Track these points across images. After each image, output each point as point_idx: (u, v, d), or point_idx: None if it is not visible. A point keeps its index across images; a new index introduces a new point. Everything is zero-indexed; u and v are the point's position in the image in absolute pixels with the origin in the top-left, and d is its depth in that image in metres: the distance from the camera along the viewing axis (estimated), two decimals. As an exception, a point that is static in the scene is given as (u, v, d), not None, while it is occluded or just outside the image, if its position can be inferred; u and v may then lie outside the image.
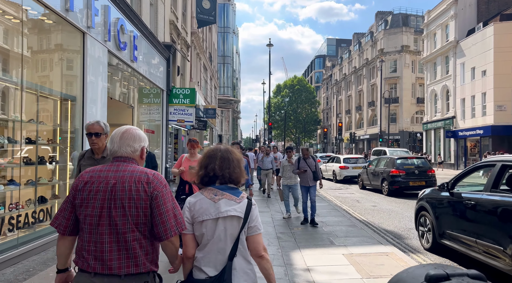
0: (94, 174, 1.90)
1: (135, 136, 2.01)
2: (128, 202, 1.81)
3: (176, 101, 12.82)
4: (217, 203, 1.98)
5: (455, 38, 32.54)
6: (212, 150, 2.19)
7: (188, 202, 2.04)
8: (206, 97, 23.74)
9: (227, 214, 1.97)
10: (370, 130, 53.96)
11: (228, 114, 49.36)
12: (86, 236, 1.84)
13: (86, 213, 1.84)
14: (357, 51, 60.29)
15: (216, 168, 2.07)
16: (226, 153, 2.14)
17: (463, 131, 31.17)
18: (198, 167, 2.15)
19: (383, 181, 14.09)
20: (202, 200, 2.01)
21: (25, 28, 5.53)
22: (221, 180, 2.08)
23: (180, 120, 12.82)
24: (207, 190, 2.05)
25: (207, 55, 24.02)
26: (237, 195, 2.04)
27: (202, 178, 2.10)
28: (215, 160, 2.09)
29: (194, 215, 1.98)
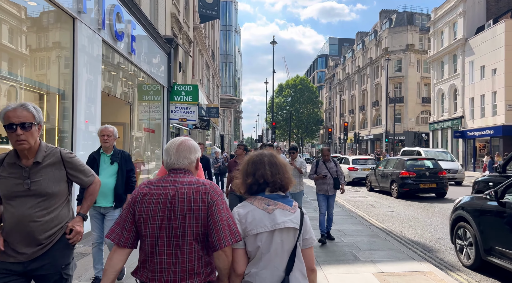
0: (153, 186, 1.91)
1: (191, 148, 2.01)
2: (188, 213, 1.82)
3: (178, 98, 12.03)
4: (271, 213, 1.86)
5: (463, 36, 31.69)
6: (256, 155, 2.05)
7: (237, 214, 1.90)
8: (208, 96, 22.95)
9: (284, 225, 1.85)
10: (374, 130, 53.18)
11: (230, 114, 48.58)
12: (148, 248, 1.85)
13: (147, 225, 1.85)
14: (360, 50, 59.48)
15: (267, 173, 1.94)
16: (272, 158, 2.02)
17: (472, 131, 30.33)
18: (241, 175, 2.00)
19: (392, 183, 13.30)
20: (254, 210, 1.87)
21: (3, 12, 4.75)
22: (272, 187, 1.95)
23: (182, 119, 12.03)
24: (257, 200, 1.92)
25: (209, 52, 23.24)
26: (290, 204, 1.93)
27: (251, 186, 1.95)
28: (263, 165, 1.97)
29: (246, 228, 1.85)
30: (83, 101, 6.23)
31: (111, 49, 7.59)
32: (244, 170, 2.00)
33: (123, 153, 4.25)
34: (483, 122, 28.89)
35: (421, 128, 44.84)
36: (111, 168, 4.11)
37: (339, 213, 9.35)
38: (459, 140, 32.43)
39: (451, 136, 34.01)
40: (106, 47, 7.31)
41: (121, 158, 4.16)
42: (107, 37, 7.10)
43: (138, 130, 10.48)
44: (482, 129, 28.81)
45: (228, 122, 46.32)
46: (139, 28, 8.94)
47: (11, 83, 5.12)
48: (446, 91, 35.03)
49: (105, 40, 7.03)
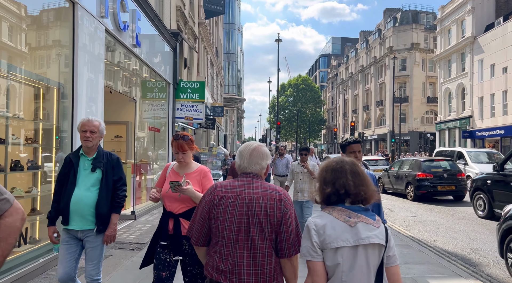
0: (228, 188, 1.97)
1: (264, 154, 2.06)
2: (264, 218, 1.88)
3: (184, 96, 11.37)
4: (354, 227, 1.68)
5: (472, 33, 31.01)
6: (335, 162, 1.86)
7: (313, 224, 1.73)
8: (212, 94, 22.31)
9: (369, 241, 1.67)
10: (378, 130, 52.55)
11: (233, 114, 47.96)
12: (224, 250, 1.91)
13: (224, 227, 1.91)
14: (364, 49, 58.82)
15: (349, 184, 1.76)
16: (354, 167, 1.83)
17: (481, 131, 29.66)
18: (319, 182, 1.85)
19: (408, 185, 12.65)
20: (333, 222, 1.70)
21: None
22: (353, 199, 1.77)
23: (188, 118, 11.38)
24: (336, 210, 1.75)
25: (213, 49, 22.61)
26: (373, 218, 1.74)
27: (329, 196, 1.78)
28: (345, 174, 1.79)
29: (325, 240, 1.67)
30: (86, 96, 5.58)
31: (114, 40, 6.94)
32: (322, 177, 1.83)
33: (110, 157, 3.17)
34: (493, 122, 28.22)
35: (427, 128, 44.18)
36: (92, 177, 3.06)
37: None
38: (468, 140, 31.74)
39: (459, 137, 33.33)
40: (109, 38, 6.66)
41: (106, 163, 3.10)
42: (110, 26, 6.45)
43: (141, 130, 9.84)
44: (492, 129, 28.14)
45: (230, 122, 45.71)
46: (144, 19, 8.29)
47: (3, 76, 4.48)
48: (453, 90, 34.36)
49: (108, 30, 6.38)
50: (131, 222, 7.77)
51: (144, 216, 8.52)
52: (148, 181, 10.03)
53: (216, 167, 14.76)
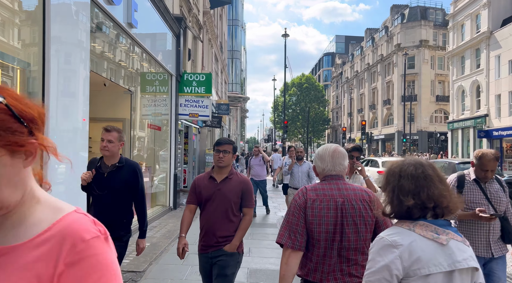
0: (318, 192, 2.00)
1: (344, 154, 2.06)
2: (359, 219, 1.90)
3: (188, 90, 10.02)
4: (446, 246, 1.34)
5: (488, 28, 29.57)
6: (412, 165, 1.46)
7: (394, 245, 1.33)
8: (217, 91, 20.97)
9: (467, 264, 1.35)
10: (385, 130, 51.24)
11: (236, 113, 46.65)
12: (322, 251, 1.95)
13: (320, 229, 1.95)
14: (370, 47, 57.48)
15: (442, 195, 1.40)
16: (436, 170, 1.46)
17: (499, 130, 28.22)
18: (390, 192, 1.45)
19: (441, 191, 11.28)
20: (420, 241, 1.34)
21: None
22: (440, 212, 1.41)
23: (193, 114, 10.02)
24: (418, 226, 1.38)
25: (218, 44, 21.27)
26: (460, 235, 1.42)
27: (411, 210, 1.40)
28: (432, 182, 1.41)
29: (411, 266, 1.30)
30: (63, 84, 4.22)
31: (105, 16, 5.58)
32: (394, 186, 1.42)
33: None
34: (511, 121, 26.79)
35: (436, 128, 42.83)
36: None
37: None
38: (483, 140, 30.29)
39: (474, 136, 31.90)
40: (95, 12, 5.30)
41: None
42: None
43: (139, 128, 8.49)
44: (510, 128, 26.70)
45: (234, 122, 44.40)
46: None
47: None
48: (467, 88, 32.91)
49: (95, 0, 5.02)
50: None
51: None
52: (147, 187, 8.67)
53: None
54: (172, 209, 9.64)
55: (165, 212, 9.08)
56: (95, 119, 9.02)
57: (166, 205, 9.56)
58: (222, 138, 3.02)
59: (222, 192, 2.90)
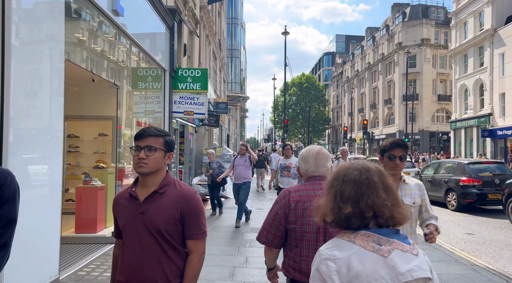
0: (301, 193, 2.05)
1: (327, 156, 2.11)
2: None
3: (183, 86, 9.46)
4: (388, 257, 1.22)
5: (492, 26, 29.02)
6: (357, 169, 1.34)
7: (332, 259, 1.23)
8: (215, 90, 20.41)
9: (413, 276, 1.21)
10: (386, 129, 50.73)
11: (236, 113, 46.10)
12: (304, 252, 2.01)
13: (303, 230, 2.01)
14: (371, 46, 56.96)
15: (383, 204, 1.27)
16: (384, 177, 1.34)
17: (503, 130, 27.67)
18: (330, 198, 1.33)
19: (448, 192, 10.71)
20: (360, 254, 1.22)
21: None
22: (384, 223, 1.29)
23: (188, 112, 9.47)
24: (359, 236, 1.26)
25: (216, 41, 20.72)
26: (407, 243, 1.28)
27: (349, 219, 1.28)
28: (375, 189, 1.29)
29: (351, 282, 1.18)
30: (20, 77, 3.67)
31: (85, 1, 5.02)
32: (336, 190, 1.31)
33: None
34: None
35: (437, 128, 42.31)
36: None
37: None
38: (487, 140, 29.75)
39: (477, 136, 31.35)
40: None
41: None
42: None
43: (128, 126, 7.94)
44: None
45: (234, 122, 43.83)
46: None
47: None
48: (470, 87, 32.36)
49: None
50: (111, 246, 5.85)
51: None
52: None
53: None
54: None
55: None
56: (82, 118, 8.49)
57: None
58: (146, 128, 1.90)
59: (147, 216, 1.82)
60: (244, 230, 7.66)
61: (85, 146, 8.46)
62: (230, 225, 7.92)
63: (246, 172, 8.29)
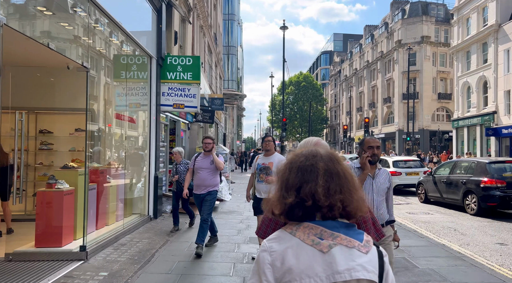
0: None
1: (327, 147, 1.90)
2: None
3: (172, 76, 8.41)
4: (327, 253, 1.12)
5: (496, 21, 28.16)
6: (304, 156, 1.25)
7: (268, 251, 1.16)
8: (210, 86, 19.34)
9: (352, 276, 1.10)
10: (386, 128, 49.90)
11: (233, 112, 45.04)
12: None
13: None
14: (369, 44, 56.13)
15: (318, 191, 1.17)
16: (332, 163, 1.23)
17: (508, 128, 26.82)
18: (278, 187, 1.24)
19: (467, 195, 9.71)
20: (298, 247, 1.14)
21: None
22: (327, 213, 1.18)
23: (178, 105, 8.41)
24: (302, 228, 1.17)
25: (212, 34, 19.66)
26: (359, 238, 1.17)
27: (292, 209, 1.20)
28: (316, 175, 1.19)
29: (283, 278, 1.11)
30: None
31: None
32: (282, 179, 1.22)
33: None
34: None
35: (439, 126, 41.48)
36: None
37: (416, 242, 5.85)
38: (491, 138, 28.87)
39: (481, 134, 30.48)
40: None
41: None
42: None
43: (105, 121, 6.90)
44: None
45: (230, 121, 42.76)
46: None
47: None
48: (473, 84, 31.47)
49: None
50: (78, 264, 4.78)
51: (104, 252, 5.50)
52: (120, 192, 7.04)
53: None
54: (152, 218, 8.02)
55: (143, 223, 7.47)
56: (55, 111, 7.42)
57: (145, 213, 7.94)
58: None
59: None
60: (239, 240, 6.62)
61: (59, 142, 7.42)
62: (222, 235, 6.88)
63: (211, 178, 5.76)
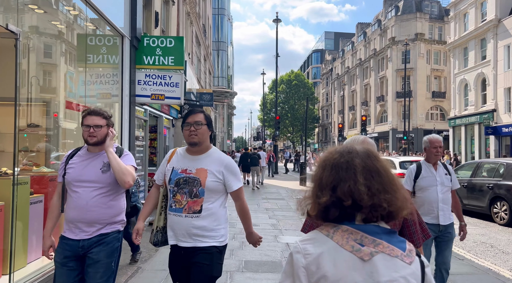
0: None
1: (374, 145, 1.96)
2: None
3: (150, 60, 6.94)
4: (368, 261, 1.04)
5: (496, 16, 27.23)
6: (339, 153, 1.17)
7: (302, 253, 1.08)
8: (199, 80, 17.85)
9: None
10: (379, 127, 48.99)
11: (223, 111, 43.53)
12: None
13: None
14: (362, 42, 55.17)
15: (360, 190, 1.08)
16: (370, 160, 1.14)
17: (509, 127, 25.89)
18: (313, 186, 1.17)
19: (495, 201, 8.40)
20: (335, 251, 1.06)
21: None
22: (368, 214, 1.09)
23: (158, 96, 6.95)
24: (340, 232, 1.09)
25: (200, 24, 18.20)
26: (401, 247, 1.09)
27: (327, 209, 1.12)
28: (354, 173, 1.11)
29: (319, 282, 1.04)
30: None
31: None
32: (316, 178, 1.15)
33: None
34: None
35: (432, 125, 40.64)
36: None
37: (457, 267, 4.56)
38: (491, 137, 27.92)
39: (479, 133, 29.54)
40: None
41: None
42: None
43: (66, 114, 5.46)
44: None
45: (220, 120, 41.24)
46: None
47: None
48: (471, 81, 30.54)
49: None
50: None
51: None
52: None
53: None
54: (124, 234, 6.55)
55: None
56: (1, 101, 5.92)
57: (116, 228, 6.47)
58: None
59: None
60: (232, 266, 5.21)
61: (6, 141, 5.90)
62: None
63: (103, 205, 2.60)
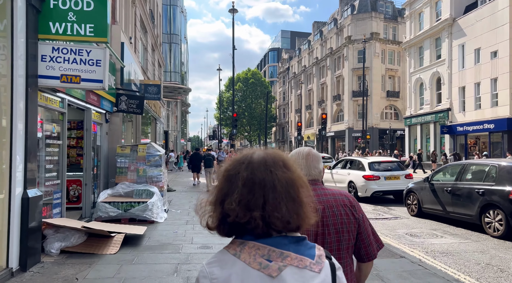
0: None
1: (319, 157, 1.92)
2: (341, 227, 1.76)
3: (60, 29, 5.01)
4: (277, 278, 1.00)
5: (450, 15, 27.45)
6: (235, 162, 1.12)
7: (209, 278, 1.02)
8: (145, 71, 15.73)
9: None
10: (335, 127, 48.95)
11: (176, 109, 41.07)
12: None
13: None
14: (318, 40, 54.99)
15: (233, 203, 1.04)
16: (265, 171, 1.07)
17: (464, 125, 26.13)
18: (213, 196, 1.11)
19: (486, 210, 7.19)
20: (243, 273, 1.00)
21: None
22: (264, 228, 1.04)
23: (71, 78, 5.03)
24: (247, 249, 1.04)
25: (147, 9, 16.06)
26: (310, 254, 1.05)
27: (220, 224, 1.09)
28: (236, 186, 1.07)
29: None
30: None
31: None
32: (217, 189, 1.10)
33: None
34: (478, 115, 24.69)
35: (386, 125, 41.00)
36: None
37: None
38: (446, 136, 28.17)
39: (434, 132, 29.80)
40: None
41: None
42: None
43: None
44: (477, 123, 24.59)
45: (173, 118, 38.80)
46: None
47: None
48: (426, 80, 30.78)
49: None
50: None
51: None
52: None
53: (143, 177, 8.54)
54: (15, 273, 4.57)
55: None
56: None
57: (2, 265, 4.48)
58: None
59: None
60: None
61: None
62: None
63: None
